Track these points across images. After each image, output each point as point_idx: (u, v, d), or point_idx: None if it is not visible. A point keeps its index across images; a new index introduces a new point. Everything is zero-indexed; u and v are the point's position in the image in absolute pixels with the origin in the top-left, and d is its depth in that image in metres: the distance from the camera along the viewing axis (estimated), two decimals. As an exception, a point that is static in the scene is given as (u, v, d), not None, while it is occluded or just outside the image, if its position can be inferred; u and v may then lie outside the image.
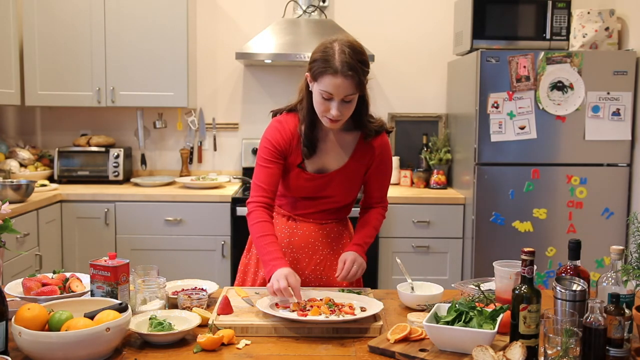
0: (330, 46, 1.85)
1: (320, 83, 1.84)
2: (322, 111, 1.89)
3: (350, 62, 1.81)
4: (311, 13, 4.05)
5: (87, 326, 1.41)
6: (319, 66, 1.84)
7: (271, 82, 4.34)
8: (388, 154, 2.11)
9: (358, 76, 1.82)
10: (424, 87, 4.37)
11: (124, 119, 4.37)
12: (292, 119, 2.03)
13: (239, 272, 2.22)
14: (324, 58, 1.84)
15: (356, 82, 1.83)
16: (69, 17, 3.92)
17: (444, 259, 3.76)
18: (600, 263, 3.51)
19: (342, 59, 1.81)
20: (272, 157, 1.99)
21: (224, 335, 1.56)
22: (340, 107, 1.86)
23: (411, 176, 4.17)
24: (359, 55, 1.84)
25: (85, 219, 3.73)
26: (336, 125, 1.93)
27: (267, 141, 2.01)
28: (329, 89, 1.83)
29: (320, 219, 2.12)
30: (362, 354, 1.52)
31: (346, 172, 2.04)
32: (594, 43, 3.59)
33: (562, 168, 3.53)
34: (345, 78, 1.81)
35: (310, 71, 1.88)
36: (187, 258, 3.72)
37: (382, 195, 2.16)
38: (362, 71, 1.84)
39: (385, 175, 2.13)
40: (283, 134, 2.00)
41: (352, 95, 1.86)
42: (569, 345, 1.32)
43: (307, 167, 2.03)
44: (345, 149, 2.05)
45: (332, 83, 1.82)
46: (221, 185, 4.07)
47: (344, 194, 2.08)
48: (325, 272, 2.11)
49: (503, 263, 1.78)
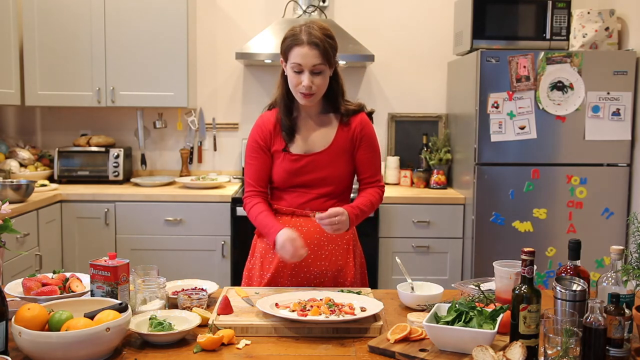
0: (297, 26, 2.04)
1: (291, 57, 2.00)
2: (295, 85, 2.02)
3: (314, 32, 1.99)
4: (311, 13, 4.05)
5: (87, 326, 1.41)
6: (288, 43, 2.01)
7: (271, 82, 4.30)
8: (370, 132, 2.17)
9: (323, 45, 1.98)
10: (424, 87, 4.37)
11: (124, 119, 4.37)
12: (271, 113, 2.17)
13: (244, 277, 2.23)
14: (291, 34, 2.02)
15: (322, 52, 1.98)
16: (69, 17, 3.92)
17: (444, 259, 3.76)
18: (600, 263, 3.51)
19: (307, 30, 1.99)
20: (255, 153, 2.14)
21: (224, 335, 1.56)
22: (311, 78, 1.99)
23: (411, 176, 4.17)
24: (324, 30, 2.02)
25: (85, 219, 3.73)
26: (310, 101, 2.04)
27: (250, 139, 2.18)
28: (297, 60, 1.98)
29: (321, 210, 2.11)
30: (362, 354, 1.52)
31: (332, 151, 2.11)
32: (594, 43, 3.59)
33: (562, 168, 3.53)
34: (310, 47, 1.97)
35: (282, 53, 2.05)
36: (187, 258, 3.72)
37: (372, 174, 2.19)
38: (327, 43, 2.00)
39: (372, 153, 2.17)
40: (262, 128, 2.14)
41: (320, 65, 1.99)
42: (569, 345, 1.32)
43: (292, 150, 2.12)
44: (329, 131, 2.13)
45: (300, 53, 1.98)
46: (221, 185, 4.07)
47: (335, 175, 2.11)
48: (330, 267, 2.11)
49: (503, 263, 1.79)
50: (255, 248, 2.22)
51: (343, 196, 2.19)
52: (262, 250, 2.17)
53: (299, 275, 2.11)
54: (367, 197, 2.15)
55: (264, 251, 2.17)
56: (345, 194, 2.19)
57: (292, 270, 2.09)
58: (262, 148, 2.13)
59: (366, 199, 2.14)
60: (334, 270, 2.12)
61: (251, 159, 2.14)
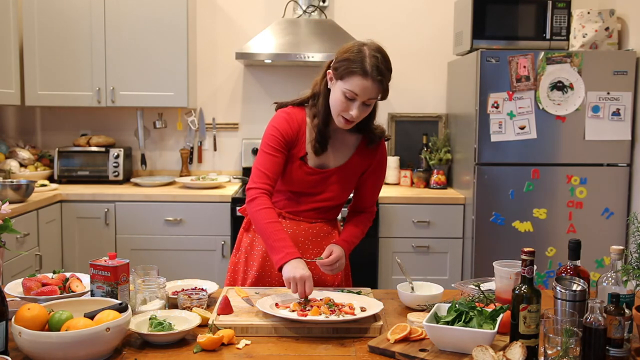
0: (361, 49, 1.87)
1: (347, 82, 1.86)
2: (340, 110, 1.91)
3: (380, 66, 1.85)
4: (311, 13, 4.05)
5: (87, 326, 1.41)
6: (349, 66, 1.86)
7: (271, 82, 4.34)
8: (384, 161, 2.16)
9: (385, 82, 1.87)
10: (424, 87, 4.37)
11: (124, 119, 4.37)
12: (299, 112, 2.04)
13: (228, 272, 2.21)
14: (355, 59, 1.85)
15: (382, 88, 1.87)
16: (69, 17, 3.92)
17: (444, 259, 3.76)
18: (600, 263, 3.51)
19: (374, 63, 1.85)
20: (278, 146, 1.98)
21: (224, 335, 1.56)
22: (359, 109, 1.89)
23: (411, 176, 4.17)
24: (387, 63, 1.89)
25: (85, 219, 3.73)
26: (349, 126, 1.96)
27: (274, 129, 2.00)
28: (355, 90, 1.86)
29: (310, 218, 2.11)
30: (362, 354, 1.52)
31: (344, 171, 2.07)
32: (594, 43, 3.59)
33: (562, 168, 3.53)
34: (374, 81, 1.85)
35: (337, 70, 1.89)
36: (187, 258, 3.72)
37: (373, 202, 2.19)
38: (388, 79, 1.89)
39: (379, 181, 2.17)
40: (291, 124, 2.01)
41: (374, 99, 1.91)
42: (569, 345, 1.32)
43: (309, 161, 2.04)
44: (347, 149, 2.07)
45: (360, 84, 1.85)
46: (221, 185, 4.07)
47: (339, 193, 2.09)
48: (315, 271, 2.09)
49: (503, 263, 1.79)
50: (240, 242, 2.20)
51: (335, 211, 2.18)
52: (247, 245, 2.16)
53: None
54: (360, 227, 2.12)
55: (249, 246, 2.15)
56: (338, 208, 2.19)
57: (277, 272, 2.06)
58: (287, 144, 1.99)
59: (359, 229, 2.12)
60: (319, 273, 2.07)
61: (273, 150, 1.97)
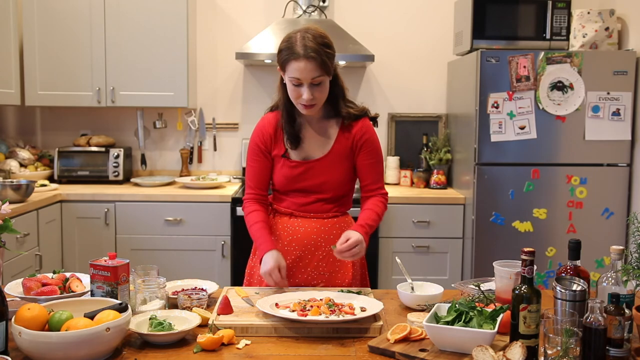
0: (291, 36, 1.97)
1: (288, 71, 1.96)
2: (295, 98, 2.00)
3: (309, 44, 1.92)
4: (311, 13, 4.05)
5: (87, 326, 1.41)
6: (284, 55, 1.96)
7: (271, 82, 4.32)
8: (371, 138, 2.12)
9: (320, 57, 1.92)
10: (424, 87, 4.37)
11: (124, 119, 4.37)
12: (272, 116, 2.15)
13: (246, 275, 2.25)
14: (286, 47, 1.96)
15: (319, 63, 1.93)
16: (69, 17, 3.92)
17: (444, 259, 3.76)
18: (600, 263, 3.51)
19: (302, 43, 1.93)
20: (256, 156, 2.14)
21: (224, 335, 1.56)
22: (311, 91, 1.95)
23: (411, 176, 4.17)
24: (319, 39, 1.95)
25: (85, 219, 3.73)
26: (312, 111, 2.02)
27: (251, 141, 2.17)
28: (295, 74, 1.94)
29: (320, 212, 2.13)
30: (362, 354, 1.52)
31: (330, 158, 2.09)
32: (594, 43, 3.59)
33: (562, 168, 3.53)
34: (308, 60, 1.92)
35: (279, 63, 2.00)
36: (187, 258, 3.72)
37: (374, 181, 2.14)
38: (324, 53, 1.94)
39: (372, 160, 2.13)
40: (263, 131, 2.13)
41: (319, 77, 1.95)
42: (569, 345, 1.32)
43: (292, 157, 2.11)
44: (328, 137, 2.11)
45: (297, 67, 1.93)
46: (221, 185, 4.07)
47: (333, 181, 2.10)
48: (327, 268, 2.12)
49: (503, 263, 1.79)
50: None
51: (343, 200, 2.18)
52: None
53: (296, 276, 2.12)
54: (373, 210, 2.10)
55: None
56: (345, 198, 2.18)
57: (290, 270, 2.09)
58: (263, 151, 2.13)
59: (372, 211, 2.09)
60: (331, 270, 2.12)
61: (252, 161, 2.15)
